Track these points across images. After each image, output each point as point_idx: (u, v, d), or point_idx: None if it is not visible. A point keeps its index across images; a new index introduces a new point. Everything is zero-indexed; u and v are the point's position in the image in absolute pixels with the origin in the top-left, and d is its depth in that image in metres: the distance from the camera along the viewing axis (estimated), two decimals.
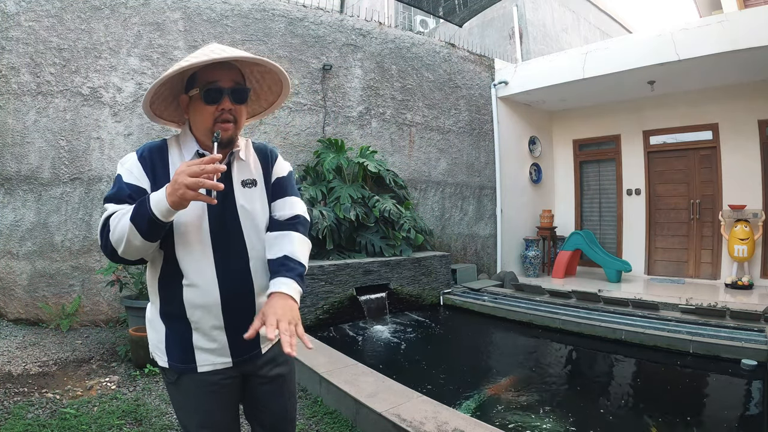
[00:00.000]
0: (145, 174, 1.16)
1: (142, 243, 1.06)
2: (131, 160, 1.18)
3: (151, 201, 1.03)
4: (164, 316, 1.21)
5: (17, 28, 3.97)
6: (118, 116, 4.33)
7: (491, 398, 3.07)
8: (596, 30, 10.75)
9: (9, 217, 3.97)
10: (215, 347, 1.21)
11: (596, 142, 7.75)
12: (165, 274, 1.19)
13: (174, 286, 1.18)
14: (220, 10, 4.84)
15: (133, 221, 1.03)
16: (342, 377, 2.80)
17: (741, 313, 4.11)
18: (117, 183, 1.15)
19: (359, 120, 5.91)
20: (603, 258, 6.62)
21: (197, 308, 1.18)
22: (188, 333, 1.19)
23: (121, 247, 1.06)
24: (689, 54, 5.09)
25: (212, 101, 1.15)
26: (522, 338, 4.63)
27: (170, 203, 1.01)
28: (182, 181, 0.98)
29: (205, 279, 1.17)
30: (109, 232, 1.07)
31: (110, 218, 1.08)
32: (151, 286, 1.23)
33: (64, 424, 2.41)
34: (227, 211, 1.21)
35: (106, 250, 1.10)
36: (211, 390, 1.23)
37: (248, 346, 1.21)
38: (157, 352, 1.24)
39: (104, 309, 4.24)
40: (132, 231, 1.03)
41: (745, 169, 6.14)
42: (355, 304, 4.84)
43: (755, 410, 2.88)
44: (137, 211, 1.04)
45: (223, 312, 1.19)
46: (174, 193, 1.00)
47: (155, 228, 1.04)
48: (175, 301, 1.18)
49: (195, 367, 1.20)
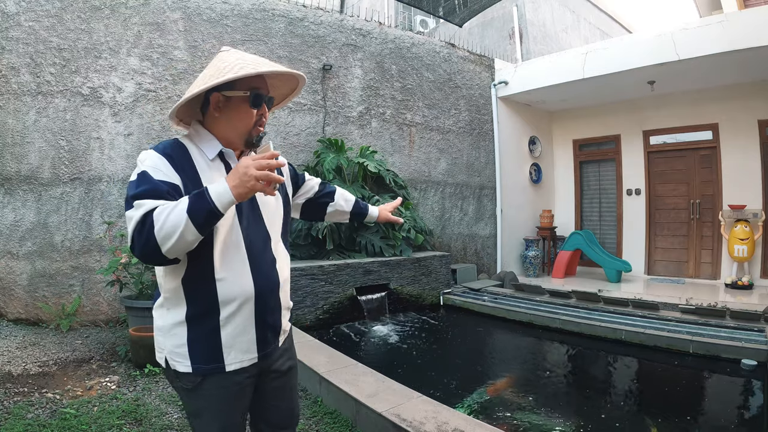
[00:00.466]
0: (175, 171, 1.14)
1: (194, 237, 1.03)
2: (153, 157, 1.15)
3: (211, 194, 1.02)
4: (190, 319, 1.17)
5: (17, 28, 3.97)
6: (118, 116, 4.33)
7: (491, 398, 3.07)
8: (596, 30, 10.75)
9: (9, 217, 3.97)
10: (244, 343, 1.21)
11: (596, 142, 7.75)
12: (192, 274, 1.16)
13: (205, 284, 1.16)
14: (220, 10, 4.84)
15: (190, 214, 1.00)
16: (342, 377, 2.80)
17: (741, 313, 4.11)
18: (145, 180, 1.10)
19: (359, 120, 5.91)
20: (603, 258, 6.62)
21: (231, 303, 1.18)
22: (217, 332, 1.18)
23: (170, 243, 1.01)
24: (689, 54, 5.09)
25: (257, 106, 1.22)
26: (522, 338, 4.63)
27: (236, 195, 1.02)
28: (252, 173, 1.01)
29: (240, 273, 1.19)
30: (154, 227, 1.01)
31: (151, 214, 1.02)
32: (173, 291, 1.19)
33: (64, 424, 2.41)
34: (252, 207, 1.25)
35: (145, 248, 1.03)
36: (234, 391, 1.23)
37: (271, 339, 1.27)
38: (176, 358, 1.19)
39: (104, 309, 4.24)
40: (188, 224, 1.00)
41: (745, 169, 6.14)
42: (355, 304, 4.84)
43: (755, 410, 2.89)
44: (194, 204, 1.01)
45: (256, 305, 1.21)
46: (243, 185, 1.01)
47: (212, 221, 1.04)
48: (206, 300, 1.17)
49: (223, 366, 1.19)
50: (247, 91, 1.20)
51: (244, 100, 1.21)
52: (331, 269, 4.72)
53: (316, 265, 4.63)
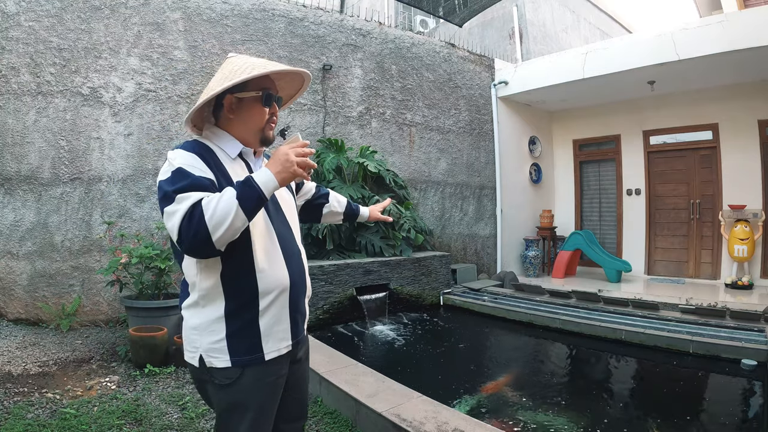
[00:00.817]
0: (207, 167, 1.19)
1: (242, 224, 1.09)
2: (185, 155, 1.19)
3: (257, 181, 1.09)
4: (229, 314, 1.21)
5: (17, 28, 3.97)
6: (118, 116, 4.33)
7: (491, 398, 3.07)
8: (596, 30, 10.75)
9: (9, 217, 3.97)
10: (280, 331, 1.28)
11: (596, 142, 7.75)
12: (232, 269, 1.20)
13: (246, 277, 1.21)
14: (220, 10, 4.84)
15: (239, 200, 1.06)
16: (342, 377, 2.80)
17: (741, 313, 4.11)
18: (183, 176, 1.13)
19: (359, 120, 5.91)
20: (603, 258, 6.62)
21: (270, 294, 1.24)
22: (255, 323, 1.23)
23: (221, 230, 1.06)
24: (689, 54, 5.09)
25: (269, 104, 1.31)
26: (522, 338, 4.63)
27: (279, 180, 1.11)
28: (293, 159, 1.11)
29: (277, 264, 1.26)
30: (204, 216, 1.05)
31: (199, 204, 1.07)
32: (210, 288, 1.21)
33: (64, 424, 2.41)
34: (274, 200, 1.34)
35: (195, 238, 1.06)
36: (271, 382, 1.27)
37: (301, 326, 1.37)
38: (214, 354, 1.21)
39: (104, 309, 4.24)
40: (238, 211, 1.06)
41: (745, 169, 6.14)
42: (355, 304, 4.84)
43: (755, 410, 2.89)
44: (243, 191, 1.08)
45: (290, 294, 1.29)
46: (285, 170, 1.11)
47: (259, 207, 1.11)
48: (245, 293, 1.21)
49: (262, 356, 1.24)
50: (258, 91, 1.28)
51: (256, 100, 1.29)
52: (331, 269, 4.72)
53: (316, 265, 4.63)
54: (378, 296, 5.03)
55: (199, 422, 2.53)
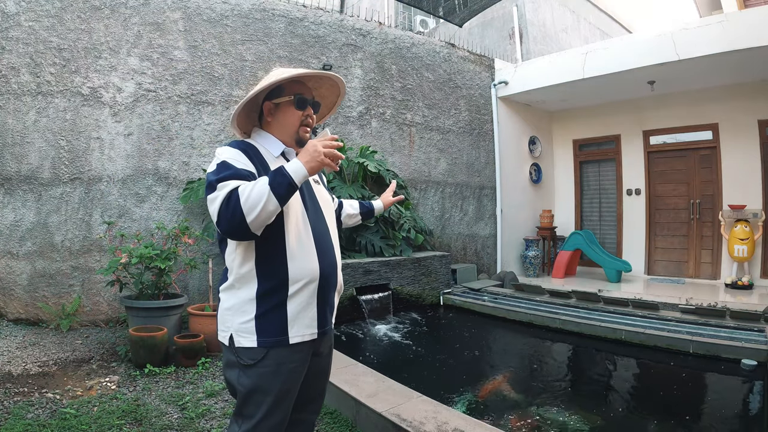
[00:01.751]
0: (250, 162, 1.32)
1: (275, 208, 1.19)
2: (230, 150, 1.33)
3: (288, 169, 1.20)
4: (260, 296, 1.31)
5: (17, 28, 3.97)
6: (118, 116, 4.33)
7: (491, 398, 3.07)
8: (596, 30, 10.74)
9: (9, 217, 3.97)
10: (306, 318, 1.35)
11: (596, 142, 7.75)
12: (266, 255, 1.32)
13: (278, 263, 1.32)
14: (220, 10, 4.84)
15: (271, 186, 1.17)
16: (342, 377, 2.80)
17: (741, 313, 4.11)
18: (227, 167, 1.27)
19: (359, 120, 5.91)
20: (603, 258, 6.62)
21: (299, 281, 1.33)
22: (283, 306, 1.32)
23: (254, 213, 1.17)
24: (689, 54, 5.09)
25: (302, 108, 1.44)
26: (522, 338, 4.63)
27: (308, 169, 1.20)
28: (320, 150, 1.21)
29: (309, 254, 1.35)
30: (239, 200, 1.17)
31: (236, 190, 1.19)
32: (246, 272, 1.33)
33: (64, 424, 2.41)
34: (312, 197, 1.46)
35: (232, 221, 1.18)
36: (292, 367, 1.34)
37: (329, 317, 1.44)
38: (243, 333, 1.31)
39: (104, 309, 4.24)
40: (270, 196, 1.17)
41: (745, 169, 6.14)
42: (355, 304, 4.84)
43: (755, 410, 2.88)
44: (274, 178, 1.18)
45: (319, 284, 1.37)
46: (314, 160, 1.20)
47: (291, 193, 1.20)
48: (277, 278, 1.31)
49: (287, 339, 1.32)
50: (291, 96, 1.42)
51: (290, 103, 1.43)
52: None
53: None
54: (378, 296, 5.03)
55: (199, 422, 2.53)
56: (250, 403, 1.32)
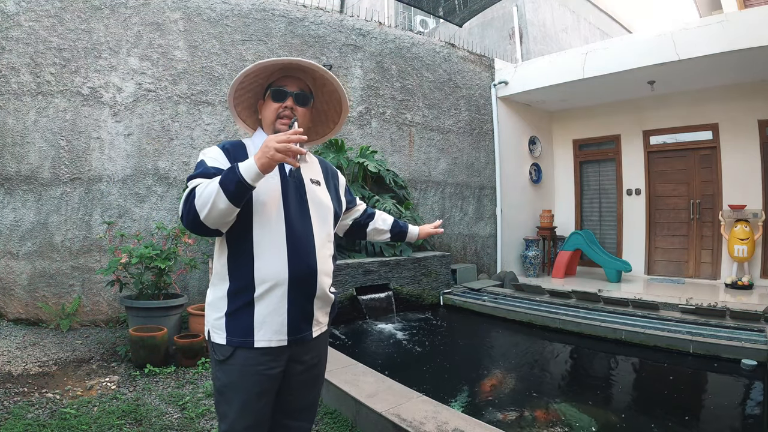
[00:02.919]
0: (228, 162, 1.31)
1: (226, 206, 1.16)
2: (214, 150, 1.36)
3: (240, 166, 1.17)
4: (231, 294, 1.31)
5: (17, 28, 3.97)
6: (118, 116, 4.33)
7: (491, 398, 3.07)
8: (596, 30, 10.74)
9: (9, 217, 3.97)
10: (275, 323, 1.30)
11: (596, 142, 7.75)
12: (235, 253, 1.31)
13: (244, 262, 1.30)
14: (220, 10, 4.84)
15: (221, 184, 1.16)
16: (342, 377, 2.80)
17: (741, 313, 4.11)
18: (201, 166, 1.31)
19: (359, 120, 5.91)
20: (603, 258, 6.61)
21: (266, 282, 1.29)
22: (251, 307, 1.29)
23: (205, 210, 1.17)
24: (689, 54, 5.09)
25: (278, 99, 1.40)
26: (522, 338, 4.63)
27: (259, 166, 1.15)
28: (272, 145, 1.14)
29: (277, 256, 1.30)
30: (194, 197, 1.19)
31: (196, 187, 1.21)
32: (220, 268, 1.34)
33: (64, 424, 2.41)
34: (300, 199, 1.39)
35: (188, 217, 1.21)
36: (259, 370, 1.30)
37: (303, 326, 1.36)
38: (216, 329, 1.32)
39: (104, 309, 4.24)
40: (219, 193, 1.15)
41: (745, 169, 6.14)
42: (355, 304, 4.84)
43: (755, 410, 2.88)
44: (225, 175, 1.17)
45: (289, 288, 1.31)
46: (264, 156, 1.15)
47: (241, 191, 1.16)
48: (245, 277, 1.29)
49: (252, 341, 1.29)
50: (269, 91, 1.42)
51: (269, 97, 1.42)
52: None
53: None
54: (378, 296, 5.03)
55: (199, 422, 2.53)
56: (222, 400, 1.33)
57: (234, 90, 1.43)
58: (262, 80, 1.45)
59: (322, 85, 1.52)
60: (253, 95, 1.49)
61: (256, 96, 1.49)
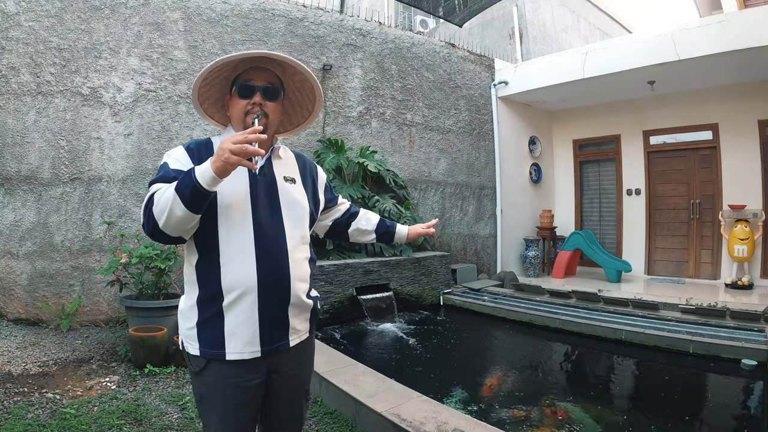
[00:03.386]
0: (192, 163, 1.23)
1: (184, 213, 1.10)
2: (178, 151, 1.29)
3: (195, 171, 1.09)
4: (201, 302, 1.25)
5: (17, 28, 3.97)
6: (118, 116, 4.33)
7: (491, 398, 3.07)
8: (596, 30, 10.74)
9: (9, 217, 3.97)
10: (246, 334, 1.23)
11: (596, 142, 7.75)
12: (202, 260, 1.25)
13: (211, 269, 1.23)
14: (220, 10, 4.84)
15: (177, 190, 1.09)
16: (342, 377, 2.80)
17: (741, 313, 4.11)
18: (163, 169, 1.24)
19: (359, 120, 5.91)
20: (603, 258, 6.61)
21: (234, 290, 1.22)
22: (221, 317, 1.23)
23: (163, 218, 1.11)
24: (689, 54, 5.08)
25: (245, 96, 1.30)
26: (522, 338, 4.63)
27: (215, 170, 1.07)
28: (227, 147, 1.06)
29: (245, 262, 1.23)
30: (153, 204, 1.13)
31: (155, 194, 1.14)
32: (189, 275, 1.29)
33: (64, 424, 2.41)
34: (270, 199, 1.31)
35: (148, 225, 1.15)
36: (234, 383, 1.24)
37: (277, 336, 1.28)
38: (189, 340, 1.27)
39: (104, 309, 4.24)
40: (175, 200, 1.09)
41: (745, 169, 6.14)
42: (355, 304, 4.84)
43: (755, 410, 2.88)
44: (181, 181, 1.10)
45: (259, 295, 1.23)
46: (218, 159, 1.06)
47: (198, 197, 1.09)
48: (213, 285, 1.23)
49: (224, 354, 1.23)
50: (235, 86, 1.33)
51: (236, 93, 1.32)
52: (331, 269, 4.72)
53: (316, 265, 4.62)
54: (378, 296, 5.03)
55: (199, 422, 2.52)
56: (203, 410, 1.30)
57: (198, 88, 1.34)
58: (227, 73, 1.34)
59: (293, 74, 1.39)
60: (218, 90, 1.39)
61: (222, 90, 1.39)
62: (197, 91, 1.35)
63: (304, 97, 1.47)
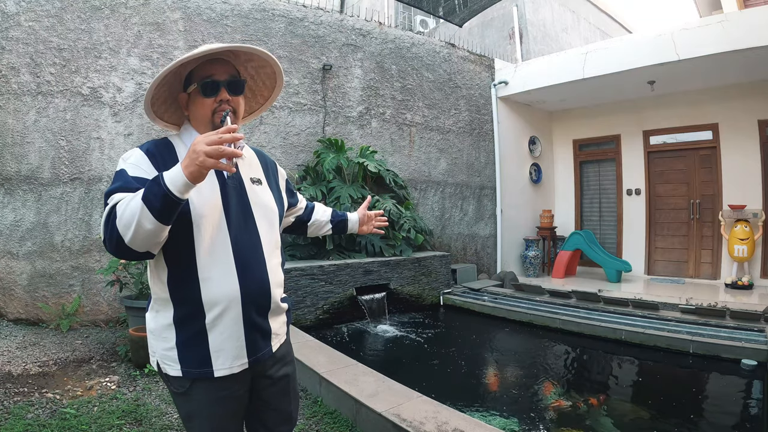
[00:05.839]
0: (154, 168, 1.13)
1: (153, 225, 0.98)
2: (135, 155, 1.15)
3: (165, 177, 0.97)
4: (178, 322, 1.16)
5: (17, 28, 3.97)
6: (118, 116, 4.33)
7: (491, 398, 3.07)
8: (596, 30, 10.75)
9: (9, 217, 3.97)
10: (233, 348, 1.18)
11: (596, 142, 7.75)
12: (176, 275, 1.15)
13: (189, 285, 1.14)
14: (220, 10, 4.84)
15: (145, 200, 0.96)
16: (342, 377, 2.80)
17: (741, 313, 4.11)
18: (121, 177, 1.10)
19: (359, 120, 5.91)
20: (603, 258, 6.61)
21: (217, 305, 1.14)
22: (204, 335, 1.15)
23: (130, 233, 0.98)
24: (689, 54, 5.09)
25: (210, 94, 1.20)
26: (522, 338, 4.63)
27: (188, 175, 0.96)
28: (201, 149, 0.95)
29: (225, 273, 1.15)
30: (116, 218, 0.99)
31: (116, 205, 1.01)
32: (159, 292, 1.18)
33: (64, 424, 2.41)
34: (241, 204, 1.22)
35: (111, 242, 1.01)
36: (223, 396, 1.20)
37: (261, 344, 1.24)
38: (167, 361, 1.18)
39: (104, 309, 4.24)
40: (143, 212, 0.96)
41: (745, 169, 6.14)
42: (355, 304, 4.84)
43: (755, 410, 2.89)
44: (149, 189, 0.97)
45: (243, 307, 1.17)
46: (192, 163, 0.95)
47: (169, 206, 0.97)
48: (191, 302, 1.14)
49: (211, 372, 1.16)
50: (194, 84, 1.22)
51: (197, 92, 1.21)
52: (331, 269, 4.72)
53: (316, 265, 4.63)
54: (378, 296, 5.03)
55: None
56: (192, 428, 1.23)
57: (150, 96, 1.20)
58: (178, 69, 1.21)
59: (246, 61, 1.30)
60: (167, 88, 1.25)
61: (171, 88, 1.26)
62: (150, 100, 1.22)
63: (258, 84, 1.38)
